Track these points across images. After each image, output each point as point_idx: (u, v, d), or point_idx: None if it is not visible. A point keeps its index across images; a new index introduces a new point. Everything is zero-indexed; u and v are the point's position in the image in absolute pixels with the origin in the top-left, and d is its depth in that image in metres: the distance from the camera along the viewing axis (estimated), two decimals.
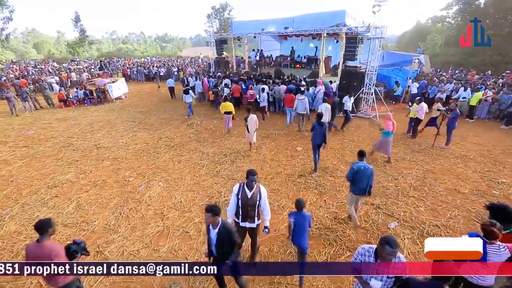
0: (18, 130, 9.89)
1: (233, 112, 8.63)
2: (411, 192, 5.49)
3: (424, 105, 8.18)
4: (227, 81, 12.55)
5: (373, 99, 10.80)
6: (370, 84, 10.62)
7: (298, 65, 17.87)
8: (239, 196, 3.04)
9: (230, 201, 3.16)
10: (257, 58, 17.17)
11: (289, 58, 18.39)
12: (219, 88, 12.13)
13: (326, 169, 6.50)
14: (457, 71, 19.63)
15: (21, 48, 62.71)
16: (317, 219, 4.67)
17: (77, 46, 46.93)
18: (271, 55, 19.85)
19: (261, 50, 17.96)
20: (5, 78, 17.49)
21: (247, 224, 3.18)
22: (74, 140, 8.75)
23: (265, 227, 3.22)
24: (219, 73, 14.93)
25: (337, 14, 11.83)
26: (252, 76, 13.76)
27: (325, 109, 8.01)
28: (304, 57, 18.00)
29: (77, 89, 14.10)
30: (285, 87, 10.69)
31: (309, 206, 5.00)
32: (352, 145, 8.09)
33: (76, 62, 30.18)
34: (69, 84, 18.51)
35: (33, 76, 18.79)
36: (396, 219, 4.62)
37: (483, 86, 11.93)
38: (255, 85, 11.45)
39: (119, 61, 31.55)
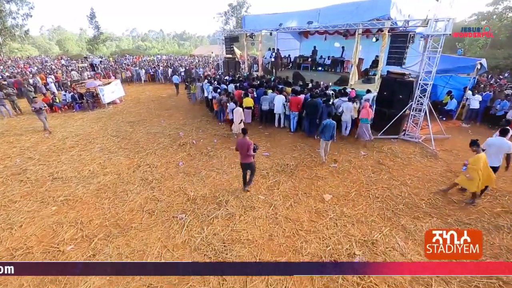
0: None
1: (253, 107, 9.05)
2: None
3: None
4: (231, 87, 10.28)
5: (423, 116, 8.08)
6: (422, 97, 7.92)
7: (320, 68, 15.27)
8: None
9: None
10: (272, 59, 14.68)
11: (309, 60, 15.74)
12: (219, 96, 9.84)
13: (375, 245, 4.03)
14: None
15: (45, 45, 64.64)
16: None
17: (94, 43, 47.23)
18: (289, 55, 17.26)
19: (278, 50, 15.46)
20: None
21: None
22: (32, 163, 6.81)
23: None
24: (226, 77, 12.64)
25: (379, 4, 9.00)
26: (266, 81, 11.35)
27: (346, 107, 7.76)
28: (328, 58, 15.31)
29: (65, 91, 12.36)
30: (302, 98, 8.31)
31: None
32: (406, 191, 5.47)
33: (87, 60, 29.15)
34: (69, 84, 16.97)
35: (32, 75, 17.44)
36: None
37: None
38: (269, 93, 9.08)
39: (128, 59, 30.19)
